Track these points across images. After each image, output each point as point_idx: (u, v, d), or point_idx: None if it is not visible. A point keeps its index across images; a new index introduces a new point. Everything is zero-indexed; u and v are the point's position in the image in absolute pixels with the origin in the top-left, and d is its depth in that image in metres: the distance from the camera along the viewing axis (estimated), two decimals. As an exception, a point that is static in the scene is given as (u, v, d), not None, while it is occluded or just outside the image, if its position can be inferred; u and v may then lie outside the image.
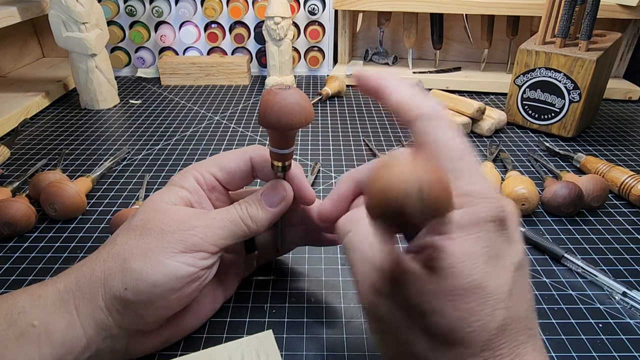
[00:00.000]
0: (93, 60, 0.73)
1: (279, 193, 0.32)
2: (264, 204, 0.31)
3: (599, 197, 0.47)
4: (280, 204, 0.32)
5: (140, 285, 0.27)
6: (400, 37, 0.93)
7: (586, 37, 0.59)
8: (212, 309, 0.34)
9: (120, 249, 0.28)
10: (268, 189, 0.32)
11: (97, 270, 0.27)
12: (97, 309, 0.27)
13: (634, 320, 0.35)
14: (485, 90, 0.84)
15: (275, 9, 0.78)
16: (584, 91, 0.60)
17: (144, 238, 0.28)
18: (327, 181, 0.55)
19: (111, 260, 0.28)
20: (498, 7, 0.78)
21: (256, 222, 0.31)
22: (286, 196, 0.32)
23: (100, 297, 0.27)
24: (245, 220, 0.30)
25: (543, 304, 0.37)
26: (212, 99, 0.82)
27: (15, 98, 0.75)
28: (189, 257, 0.28)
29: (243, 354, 0.31)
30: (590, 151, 0.62)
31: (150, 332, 0.30)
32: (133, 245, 0.28)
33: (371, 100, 0.81)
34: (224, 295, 0.35)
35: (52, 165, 0.58)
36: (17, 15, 0.72)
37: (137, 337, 0.29)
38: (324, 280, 0.39)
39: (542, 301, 0.37)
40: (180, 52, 0.94)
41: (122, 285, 0.27)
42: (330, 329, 0.34)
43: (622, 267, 0.41)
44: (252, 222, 0.31)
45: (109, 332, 0.27)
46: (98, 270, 0.27)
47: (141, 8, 0.88)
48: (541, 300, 0.37)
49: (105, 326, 0.27)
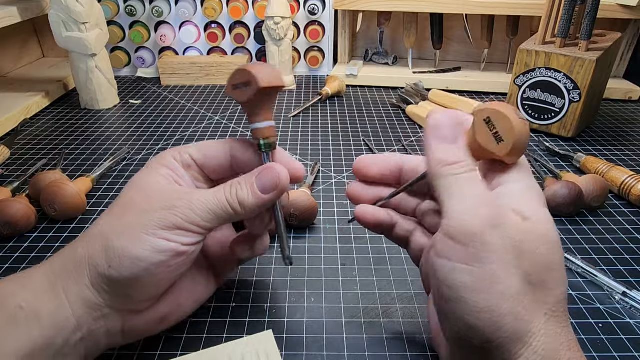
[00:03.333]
0: (93, 60, 0.73)
1: (273, 178, 0.29)
2: (255, 189, 0.29)
3: (599, 197, 0.47)
4: (273, 191, 0.29)
5: (123, 261, 0.26)
6: (400, 37, 0.93)
7: (586, 37, 0.59)
8: (207, 288, 0.34)
9: (102, 229, 0.28)
10: (262, 172, 0.29)
11: (81, 251, 0.27)
12: (85, 289, 0.27)
13: (634, 320, 0.35)
14: (485, 90, 0.84)
15: (275, 9, 0.78)
16: (584, 91, 0.60)
17: (125, 217, 0.28)
18: (327, 181, 0.55)
19: (94, 240, 0.28)
20: (498, 7, 0.78)
21: (245, 207, 0.29)
22: (280, 183, 0.29)
23: (86, 276, 0.27)
24: (233, 205, 0.28)
25: (543, 304, 0.37)
26: (212, 99, 0.82)
27: (15, 98, 0.75)
28: (169, 234, 0.27)
29: (243, 354, 0.31)
30: (590, 151, 0.62)
31: (144, 311, 0.30)
32: (114, 224, 0.28)
33: (371, 100, 0.81)
34: (219, 277, 0.35)
35: (52, 165, 0.58)
36: (17, 15, 0.71)
37: (132, 317, 0.29)
38: (323, 280, 0.39)
39: (542, 301, 0.37)
40: (180, 52, 0.94)
41: (106, 263, 0.27)
42: (331, 329, 0.34)
43: (622, 267, 0.41)
44: (241, 207, 0.29)
45: (100, 312, 0.27)
46: (82, 251, 0.27)
47: (141, 8, 0.88)
48: (541, 300, 0.37)
49: (95, 306, 0.27)
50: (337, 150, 0.62)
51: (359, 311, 0.36)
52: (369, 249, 0.43)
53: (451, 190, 0.25)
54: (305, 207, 0.44)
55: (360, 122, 0.72)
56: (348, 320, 0.35)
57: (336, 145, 0.64)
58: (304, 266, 0.41)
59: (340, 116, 0.74)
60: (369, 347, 0.33)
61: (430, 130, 0.27)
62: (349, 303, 0.37)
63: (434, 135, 0.26)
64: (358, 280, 0.39)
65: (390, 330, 0.34)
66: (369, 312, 0.36)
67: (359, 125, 0.71)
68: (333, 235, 0.45)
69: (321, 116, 0.74)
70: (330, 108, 0.77)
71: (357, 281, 0.39)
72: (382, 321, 0.35)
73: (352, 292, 0.38)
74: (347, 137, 0.66)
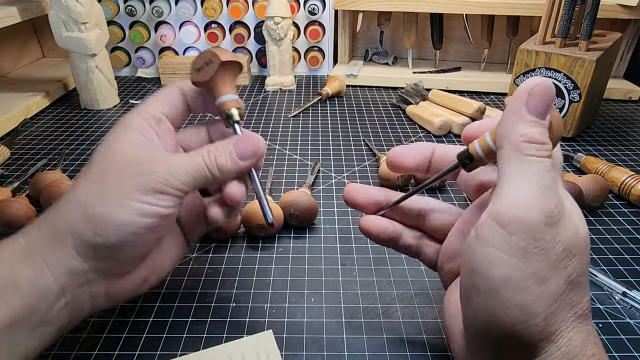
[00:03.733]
0: (93, 60, 0.73)
1: (251, 146, 0.30)
2: (234, 156, 0.30)
3: (599, 197, 0.47)
4: (251, 158, 0.30)
5: (108, 228, 0.27)
6: (400, 37, 0.93)
7: (586, 37, 0.59)
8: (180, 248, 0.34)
9: (79, 197, 0.28)
10: (240, 140, 0.31)
11: (59, 222, 0.27)
12: (69, 257, 0.27)
13: (634, 320, 0.35)
14: (485, 90, 0.84)
15: (275, 9, 0.78)
16: (584, 91, 0.60)
17: (102, 185, 0.28)
18: (327, 181, 0.55)
19: (72, 210, 0.28)
20: (498, 7, 0.78)
21: (223, 172, 0.30)
22: (257, 150, 0.31)
23: (69, 245, 0.27)
24: (211, 169, 0.29)
25: (543, 304, 0.37)
26: (212, 99, 0.81)
27: (15, 98, 0.75)
28: (151, 198, 0.28)
29: (243, 354, 0.31)
30: (590, 151, 0.62)
31: (127, 274, 0.30)
32: (92, 192, 0.28)
33: (371, 100, 0.81)
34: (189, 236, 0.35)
35: (52, 165, 0.58)
36: (17, 15, 0.71)
37: (115, 281, 0.29)
38: (323, 280, 0.39)
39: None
40: (180, 52, 0.94)
41: (91, 232, 0.27)
42: (331, 329, 0.34)
43: (622, 267, 0.41)
44: (219, 171, 0.30)
45: (85, 278, 0.28)
46: (60, 222, 0.27)
47: (141, 8, 0.88)
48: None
49: (80, 272, 0.27)
50: (337, 150, 0.62)
51: (359, 311, 0.36)
52: (369, 249, 0.43)
53: (521, 171, 0.22)
54: (305, 207, 0.44)
55: (360, 122, 0.72)
56: (348, 320, 0.35)
57: (336, 145, 0.64)
58: (304, 266, 0.41)
59: (340, 116, 0.74)
60: (369, 347, 0.33)
61: (527, 96, 0.23)
62: (349, 303, 0.37)
63: (530, 104, 0.23)
64: (358, 280, 0.39)
65: (390, 330, 0.34)
66: (369, 312, 0.36)
67: (359, 125, 0.71)
68: (333, 235, 0.45)
69: (321, 116, 0.74)
70: (330, 108, 0.77)
71: (357, 281, 0.39)
72: (382, 321, 0.35)
73: (352, 292, 0.38)
74: (347, 137, 0.66)
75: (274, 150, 0.62)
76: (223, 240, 0.44)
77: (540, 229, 0.21)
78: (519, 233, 0.22)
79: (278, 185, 0.53)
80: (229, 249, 0.43)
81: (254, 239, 0.44)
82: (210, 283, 0.39)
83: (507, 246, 0.22)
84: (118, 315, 0.35)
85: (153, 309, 0.36)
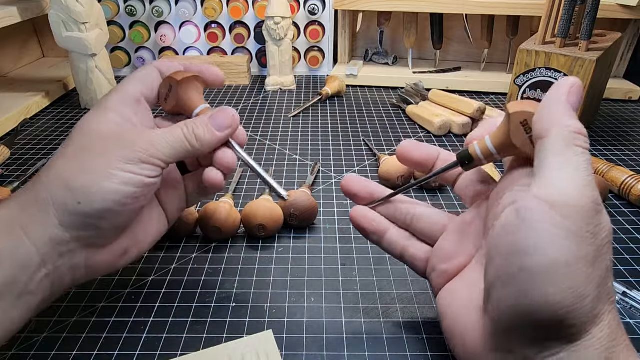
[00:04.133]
0: (93, 60, 0.73)
1: (226, 117, 0.32)
2: (211, 127, 0.32)
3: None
4: (227, 129, 0.32)
5: (93, 197, 0.27)
6: (400, 37, 0.93)
7: (586, 37, 0.59)
8: (161, 224, 0.35)
9: (58, 172, 0.28)
10: (215, 113, 0.32)
11: (41, 194, 0.28)
12: (51, 227, 0.27)
13: (634, 320, 0.35)
14: (485, 90, 0.84)
15: (275, 9, 0.78)
16: (584, 91, 0.60)
17: (82, 160, 0.28)
18: (327, 181, 0.55)
19: (53, 183, 0.28)
20: (498, 7, 0.78)
21: (202, 142, 0.31)
22: (232, 122, 0.33)
23: (52, 215, 0.27)
24: (190, 140, 0.31)
25: (543, 304, 0.37)
26: (212, 99, 0.82)
27: (15, 98, 0.75)
28: (135, 168, 0.29)
29: (243, 354, 0.31)
30: (590, 151, 0.62)
31: (107, 246, 0.30)
32: (72, 166, 0.28)
33: (371, 100, 0.81)
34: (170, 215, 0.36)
35: (52, 165, 0.58)
36: (17, 15, 0.71)
37: (95, 252, 0.30)
38: (324, 280, 0.39)
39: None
40: (181, 52, 0.94)
41: (74, 201, 0.27)
42: (330, 329, 0.34)
43: (622, 267, 0.41)
44: (198, 142, 0.31)
45: (66, 247, 0.28)
46: (42, 193, 0.28)
47: (141, 8, 0.88)
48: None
49: (62, 242, 0.28)
50: (337, 150, 0.62)
51: (359, 311, 0.36)
52: (369, 249, 0.43)
53: (572, 160, 0.24)
54: (305, 207, 0.44)
55: (360, 122, 0.72)
56: (348, 320, 0.35)
57: (336, 145, 0.64)
58: (304, 266, 0.41)
59: (340, 116, 0.74)
60: (369, 347, 0.33)
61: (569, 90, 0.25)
62: (349, 303, 0.37)
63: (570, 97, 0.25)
64: (358, 280, 0.39)
65: (390, 330, 0.34)
66: (369, 312, 0.36)
67: (359, 125, 0.71)
68: (333, 235, 0.45)
69: (321, 116, 0.74)
70: (330, 108, 0.77)
71: (357, 281, 0.39)
72: (382, 321, 0.35)
73: (352, 292, 0.38)
74: (347, 137, 0.66)
75: (274, 150, 0.62)
76: (223, 240, 0.44)
77: (591, 215, 0.22)
78: (572, 217, 0.22)
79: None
80: (229, 249, 0.43)
81: (254, 239, 0.44)
82: (210, 283, 0.39)
83: (560, 229, 0.22)
84: (118, 315, 0.36)
85: (153, 309, 0.36)
